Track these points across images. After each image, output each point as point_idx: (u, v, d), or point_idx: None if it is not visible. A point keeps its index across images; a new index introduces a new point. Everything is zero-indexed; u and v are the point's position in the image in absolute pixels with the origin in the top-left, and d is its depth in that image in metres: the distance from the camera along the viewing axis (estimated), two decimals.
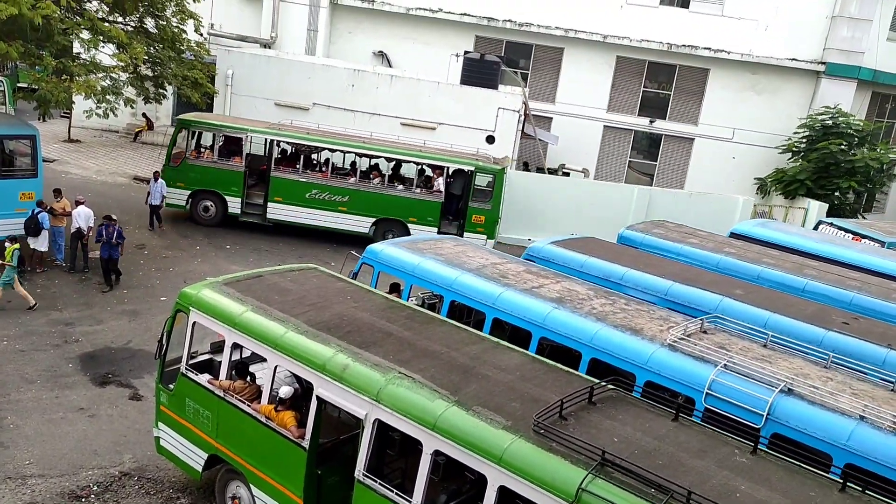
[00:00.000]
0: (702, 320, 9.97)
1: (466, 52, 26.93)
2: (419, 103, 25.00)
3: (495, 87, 25.50)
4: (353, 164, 21.46)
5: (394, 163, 21.36)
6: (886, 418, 7.70)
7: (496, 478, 6.46)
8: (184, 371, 9.19)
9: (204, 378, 9.06)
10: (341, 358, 7.76)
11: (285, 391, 8.31)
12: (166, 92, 21.99)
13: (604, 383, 7.37)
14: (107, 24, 17.99)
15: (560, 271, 12.21)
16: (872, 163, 27.36)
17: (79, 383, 12.18)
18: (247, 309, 8.68)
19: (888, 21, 30.42)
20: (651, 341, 9.41)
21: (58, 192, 16.95)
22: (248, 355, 9.29)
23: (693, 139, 31.31)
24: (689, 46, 29.91)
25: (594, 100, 30.94)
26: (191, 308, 9.03)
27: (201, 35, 22.32)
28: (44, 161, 17.39)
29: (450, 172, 20.79)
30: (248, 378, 8.98)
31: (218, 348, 9.52)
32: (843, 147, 27.39)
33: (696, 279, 12.41)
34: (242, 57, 25.46)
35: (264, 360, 8.54)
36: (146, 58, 19.13)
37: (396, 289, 12.37)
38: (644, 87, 31.39)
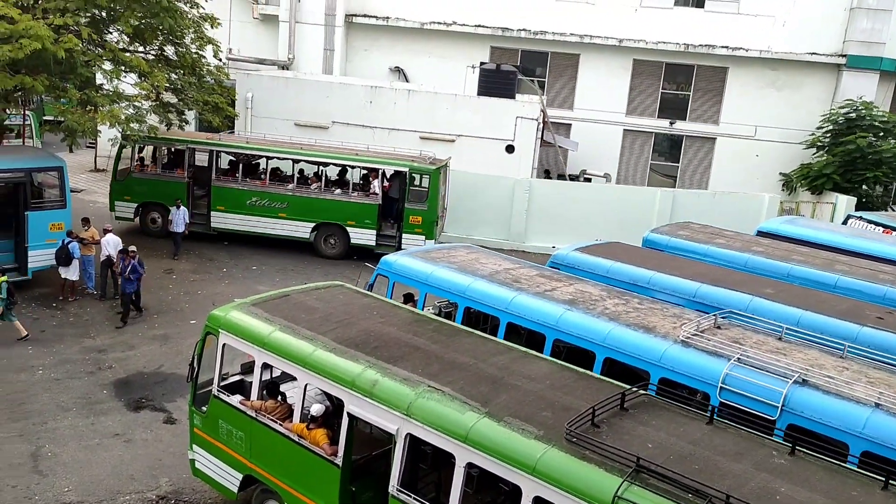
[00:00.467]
0: (715, 316, 9.91)
1: (482, 64, 27.00)
2: (437, 116, 25.05)
3: (513, 97, 25.52)
4: (299, 171, 21.40)
5: (339, 168, 21.35)
6: None
7: (531, 488, 6.41)
8: (216, 393, 9.25)
9: (236, 399, 9.13)
10: (370, 374, 7.78)
11: (316, 409, 8.34)
12: (188, 118, 22.30)
13: (635, 389, 7.30)
14: (128, 53, 18.34)
15: (586, 277, 12.14)
16: None
17: (113, 409, 12.33)
18: (275, 329, 8.73)
19: None
20: (664, 338, 9.38)
21: (86, 221, 17.24)
22: (278, 375, 9.34)
23: (715, 139, 31.02)
24: (706, 46, 29.70)
25: (613, 104, 30.82)
26: (220, 330, 9.11)
27: (220, 60, 22.63)
28: (71, 191, 17.67)
29: (387, 175, 20.78)
30: (280, 397, 9.03)
31: (248, 369, 9.59)
32: (871, 140, 26.98)
33: (724, 280, 12.27)
34: (261, 79, 25.79)
35: (294, 379, 8.58)
36: (168, 84, 19.44)
37: (410, 299, 12.42)
38: (662, 88, 31.20)
